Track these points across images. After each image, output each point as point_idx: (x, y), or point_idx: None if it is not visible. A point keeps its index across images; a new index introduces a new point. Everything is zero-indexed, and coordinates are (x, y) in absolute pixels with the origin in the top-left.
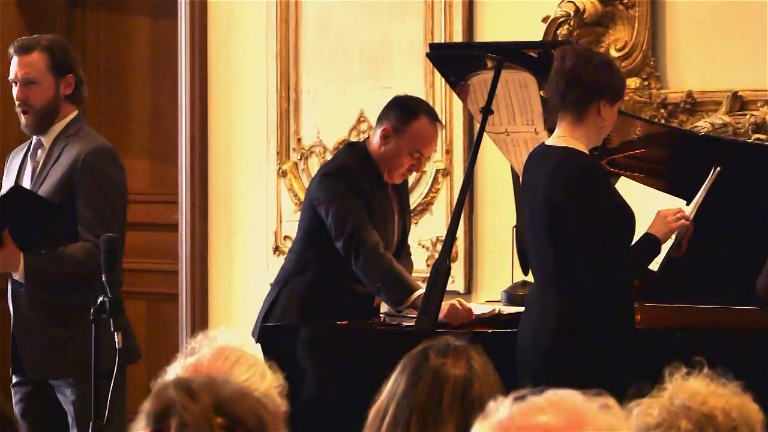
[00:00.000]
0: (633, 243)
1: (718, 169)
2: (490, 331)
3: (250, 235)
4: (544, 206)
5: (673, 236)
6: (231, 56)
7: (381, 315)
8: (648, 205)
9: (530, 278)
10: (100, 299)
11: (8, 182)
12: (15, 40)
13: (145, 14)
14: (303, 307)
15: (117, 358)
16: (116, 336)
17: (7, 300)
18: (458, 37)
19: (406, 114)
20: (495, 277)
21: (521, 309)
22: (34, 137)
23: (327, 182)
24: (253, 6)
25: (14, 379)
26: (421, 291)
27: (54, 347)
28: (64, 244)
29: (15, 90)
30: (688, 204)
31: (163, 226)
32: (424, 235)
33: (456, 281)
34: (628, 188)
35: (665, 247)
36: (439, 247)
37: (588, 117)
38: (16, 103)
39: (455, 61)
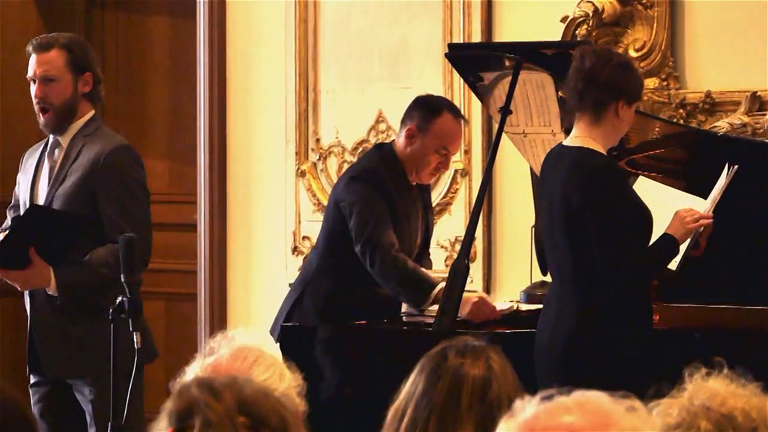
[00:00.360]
0: (651, 243)
1: (735, 167)
2: (508, 331)
3: (268, 236)
4: (561, 206)
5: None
6: (250, 56)
7: (401, 314)
8: (667, 205)
9: (549, 279)
10: (119, 299)
11: (24, 180)
12: (33, 38)
13: (164, 14)
14: (326, 308)
15: (135, 359)
16: (135, 336)
17: (24, 300)
18: (477, 38)
19: (429, 112)
20: (513, 277)
21: (540, 306)
22: (51, 136)
23: (354, 185)
24: (271, 6)
25: (32, 379)
26: (441, 285)
27: (72, 346)
28: (91, 250)
29: (33, 88)
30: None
31: (181, 226)
32: (443, 235)
33: (475, 281)
34: (646, 188)
35: (683, 247)
36: (458, 247)
37: (606, 117)
38: (35, 101)
39: (474, 61)
